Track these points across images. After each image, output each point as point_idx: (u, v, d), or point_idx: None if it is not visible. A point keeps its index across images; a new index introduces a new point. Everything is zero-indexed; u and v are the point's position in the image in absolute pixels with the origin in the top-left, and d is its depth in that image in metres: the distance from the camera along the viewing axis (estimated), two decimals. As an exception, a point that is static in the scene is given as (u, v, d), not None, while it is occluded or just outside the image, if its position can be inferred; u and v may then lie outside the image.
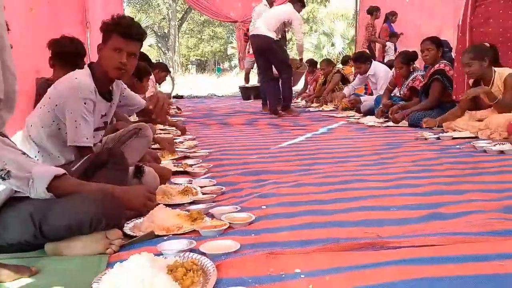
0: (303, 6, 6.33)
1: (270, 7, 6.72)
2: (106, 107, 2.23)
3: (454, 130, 3.93)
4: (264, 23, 5.94)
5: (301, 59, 6.92)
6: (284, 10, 6.07)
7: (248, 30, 10.17)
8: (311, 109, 7.00)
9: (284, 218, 1.89)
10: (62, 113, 2.06)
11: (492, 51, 3.89)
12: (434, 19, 9.15)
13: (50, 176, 1.54)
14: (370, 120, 5.05)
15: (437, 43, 4.61)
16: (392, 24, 9.27)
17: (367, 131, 4.52)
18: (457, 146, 3.35)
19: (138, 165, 2.25)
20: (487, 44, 3.95)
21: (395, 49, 8.81)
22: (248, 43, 10.12)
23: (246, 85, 10.20)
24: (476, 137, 3.67)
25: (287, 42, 9.80)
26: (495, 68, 3.84)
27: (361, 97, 6.40)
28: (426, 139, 3.73)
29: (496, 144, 3.17)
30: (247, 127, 5.16)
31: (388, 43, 9.15)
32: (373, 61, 6.36)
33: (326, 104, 7.08)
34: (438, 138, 3.71)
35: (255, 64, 7.56)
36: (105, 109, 2.23)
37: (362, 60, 6.23)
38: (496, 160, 2.86)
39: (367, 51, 9.11)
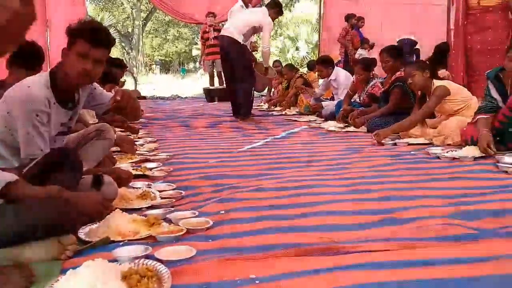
0: (280, 13, 6.08)
1: (246, 7, 6.34)
2: (66, 115, 2.13)
3: (410, 137, 4.05)
4: (233, 25, 5.83)
5: (266, 68, 6.44)
6: (256, 15, 5.86)
7: (204, 32, 10.21)
8: (274, 113, 7.06)
9: (242, 223, 1.90)
10: (14, 122, 1.96)
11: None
12: (395, 26, 9.46)
13: (2, 183, 1.51)
14: (331, 125, 5.14)
15: (394, 53, 4.72)
16: (360, 29, 9.33)
17: (328, 136, 4.60)
18: (412, 152, 3.45)
19: (97, 174, 2.15)
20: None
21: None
22: (205, 46, 10.16)
23: (211, 87, 10.18)
24: (430, 144, 3.80)
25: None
26: (434, 80, 4.04)
27: (322, 102, 6.52)
28: (383, 144, 3.83)
29: (449, 151, 3.29)
30: (210, 130, 5.15)
31: (360, 51, 9.14)
32: (336, 67, 6.47)
33: (289, 108, 7.15)
34: (395, 144, 3.82)
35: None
36: (66, 117, 2.13)
37: (324, 64, 6.31)
38: (448, 166, 2.96)
39: (340, 57, 9.21)
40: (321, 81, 7.02)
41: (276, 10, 5.85)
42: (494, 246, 1.62)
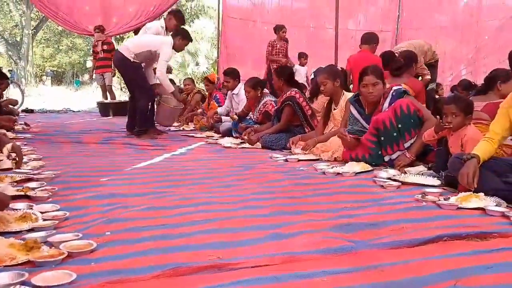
0: (186, 42, 5.90)
1: (166, 33, 6.11)
2: None
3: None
4: (131, 42, 5.81)
5: (172, 92, 6.06)
6: (155, 41, 5.72)
7: (94, 46, 9.90)
8: (171, 128, 7.00)
9: (128, 244, 1.86)
10: None
11: (344, 75, 4.38)
12: (291, 46, 9.86)
13: None
14: (227, 141, 5.23)
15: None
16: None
17: (224, 152, 4.68)
18: (301, 168, 3.63)
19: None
20: (340, 68, 4.42)
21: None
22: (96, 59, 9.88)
23: (104, 100, 9.84)
24: (319, 159, 4.03)
25: None
26: (345, 92, 4.34)
27: (222, 117, 6.59)
28: (276, 161, 3.99)
29: (333, 167, 3.51)
30: (102, 146, 4.97)
31: (297, 66, 9.13)
32: (241, 82, 6.37)
33: (187, 124, 7.14)
34: (286, 160, 3.99)
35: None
36: None
37: (232, 75, 6.28)
38: (332, 181, 3.16)
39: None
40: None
41: (179, 37, 5.77)
42: (370, 256, 1.77)
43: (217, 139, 5.55)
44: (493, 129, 2.77)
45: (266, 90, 5.75)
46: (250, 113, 5.78)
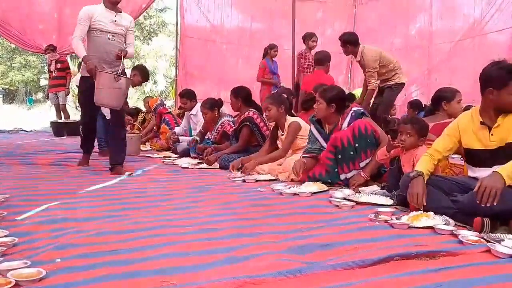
0: (143, 79, 6.12)
1: None
2: None
3: (259, 173, 4.27)
4: None
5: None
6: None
7: (49, 64, 9.65)
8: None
9: (80, 271, 1.81)
10: None
11: (288, 101, 4.48)
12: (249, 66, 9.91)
13: None
14: (185, 161, 5.19)
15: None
16: (273, 59, 8.24)
17: (181, 173, 4.64)
18: (258, 189, 3.65)
19: None
20: (285, 95, 4.51)
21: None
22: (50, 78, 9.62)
23: (58, 120, 9.59)
24: (277, 180, 4.06)
25: None
26: (288, 117, 4.44)
27: (180, 137, 6.54)
28: (234, 181, 3.99)
29: (290, 187, 3.55)
30: (54, 168, 4.82)
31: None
32: (198, 102, 6.39)
33: (144, 144, 7.05)
34: (244, 181, 4.00)
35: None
36: None
37: (188, 96, 6.33)
38: (289, 202, 3.19)
39: None
40: None
41: (138, 74, 5.98)
42: (324, 277, 1.79)
43: (174, 160, 5.50)
44: (436, 147, 2.89)
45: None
46: (208, 133, 5.77)
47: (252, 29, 11.15)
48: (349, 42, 5.81)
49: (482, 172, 2.65)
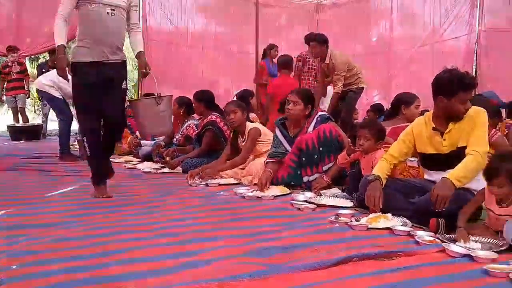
0: None
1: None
2: None
3: (222, 177, 4.27)
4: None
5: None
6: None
7: (4, 67, 9.32)
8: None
9: (36, 278, 1.77)
10: None
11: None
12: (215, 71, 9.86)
13: None
14: (147, 166, 5.13)
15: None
16: (273, 60, 7.58)
17: (143, 177, 4.58)
18: (221, 193, 3.64)
19: None
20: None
21: None
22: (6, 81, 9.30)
23: (16, 124, 9.29)
24: (240, 183, 4.06)
25: None
26: (247, 123, 4.46)
27: (142, 142, 6.45)
28: (196, 186, 3.97)
29: (253, 191, 3.56)
30: (11, 173, 4.67)
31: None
32: None
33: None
34: (207, 185, 3.98)
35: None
36: None
37: None
38: (251, 205, 3.20)
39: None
40: None
41: None
42: (283, 279, 1.81)
43: (136, 164, 5.42)
44: (391, 152, 2.97)
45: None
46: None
47: (217, 32, 11.12)
48: (320, 41, 5.87)
49: (436, 175, 2.74)
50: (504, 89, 8.20)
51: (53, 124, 9.33)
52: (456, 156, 2.67)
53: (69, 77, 3.42)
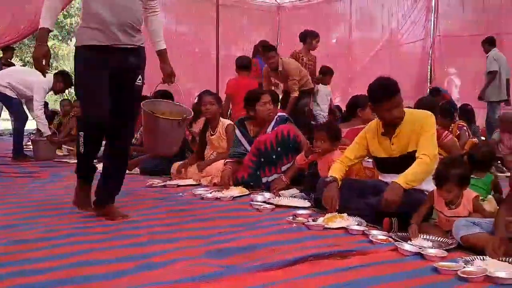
0: (67, 86, 5.93)
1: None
2: None
3: (181, 178, 4.23)
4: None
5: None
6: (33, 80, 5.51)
7: None
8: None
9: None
10: None
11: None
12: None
13: None
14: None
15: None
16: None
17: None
18: (180, 194, 3.61)
19: None
20: None
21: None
22: None
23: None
24: (199, 184, 4.04)
25: None
26: (221, 118, 4.47)
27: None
28: (155, 187, 3.92)
29: (212, 191, 3.55)
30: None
31: (319, 86, 7.00)
32: None
33: (60, 148, 6.72)
34: (165, 186, 3.94)
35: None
36: None
37: None
38: (210, 206, 3.20)
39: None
40: None
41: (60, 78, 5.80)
42: (239, 280, 1.81)
43: (93, 165, 5.29)
44: (347, 155, 3.04)
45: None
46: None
47: (178, 31, 11.02)
48: (273, 48, 5.92)
49: (390, 178, 2.81)
50: (459, 93, 8.55)
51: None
52: (407, 159, 2.75)
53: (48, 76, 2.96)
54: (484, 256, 2.05)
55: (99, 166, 3.05)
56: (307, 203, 3.19)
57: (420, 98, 4.50)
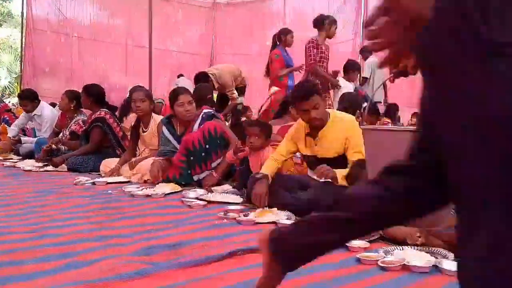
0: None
1: None
2: None
3: (111, 175, 4.13)
4: None
5: None
6: None
7: None
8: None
9: None
10: None
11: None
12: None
13: None
14: (28, 164, 4.79)
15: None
16: (287, 48, 6.45)
17: (23, 176, 4.28)
18: (109, 191, 3.53)
19: None
20: None
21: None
22: None
23: None
24: (129, 181, 3.96)
25: None
26: (154, 114, 4.45)
27: (22, 138, 6.02)
28: (83, 184, 3.80)
29: (143, 188, 3.50)
30: None
31: (344, 82, 6.53)
32: (42, 101, 6.07)
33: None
34: (94, 183, 3.83)
35: None
36: None
37: (29, 99, 5.91)
38: (141, 204, 3.14)
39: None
40: None
41: None
42: (167, 276, 1.80)
43: (16, 162, 5.04)
44: (279, 151, 3.13)
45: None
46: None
47: (110, 24, 10.71)
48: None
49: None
50: (406, 95, 8.92)
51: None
52: (330, 161, 2.86)
53: None
54: (403, 247, 2.17)
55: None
56: (239, 199, 3.23)
57: (343, 94, 4.71)
